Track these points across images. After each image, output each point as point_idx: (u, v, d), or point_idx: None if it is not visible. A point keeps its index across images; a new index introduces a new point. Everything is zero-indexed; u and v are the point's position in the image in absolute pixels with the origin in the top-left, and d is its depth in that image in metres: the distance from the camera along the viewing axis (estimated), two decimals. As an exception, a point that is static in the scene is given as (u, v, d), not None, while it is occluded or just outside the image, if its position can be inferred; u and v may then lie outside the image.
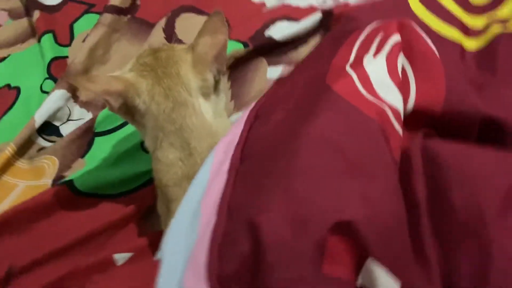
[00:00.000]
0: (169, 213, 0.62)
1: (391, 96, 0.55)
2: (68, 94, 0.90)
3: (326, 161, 0.48)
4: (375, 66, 0.56)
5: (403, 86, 0.57)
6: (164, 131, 0.62)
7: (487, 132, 0.56)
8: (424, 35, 0.60)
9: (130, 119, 0.66)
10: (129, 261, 0.69)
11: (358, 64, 0.56)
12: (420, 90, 0.57)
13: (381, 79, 0.55)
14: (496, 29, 0.70)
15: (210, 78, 0.64)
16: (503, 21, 0.72)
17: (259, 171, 0.50)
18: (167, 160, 0.62)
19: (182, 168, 0.62)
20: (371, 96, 0.53)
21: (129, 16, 1.04)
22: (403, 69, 0.58)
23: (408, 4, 0.73)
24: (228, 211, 0.48)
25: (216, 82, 0.66)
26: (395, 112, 0.54)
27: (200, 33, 0.64)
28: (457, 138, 0.55)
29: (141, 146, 0.80)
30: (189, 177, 0.60)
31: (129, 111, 0.64)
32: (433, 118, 0.56)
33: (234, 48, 0.90)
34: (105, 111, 0.87)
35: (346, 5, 0.96)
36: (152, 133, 0.63)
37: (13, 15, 1.08)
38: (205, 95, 0.64)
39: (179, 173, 0.62)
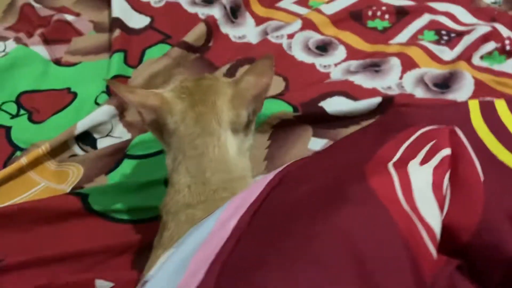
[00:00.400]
0: (159, 243, 0.61)
1: (430, 214, 0.49)
2: (116, 112, 0.93)
3: (340, 261, 0.43)
4: (420, 176, 0.51)
5: None
6: (185, 155, 0.62)
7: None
8: (473, 155, 0.55)
9: (158, 136, 0.67)
10: (107, 293, 0.66)
11: (402, 167, 0.51)
12: (452, 213, 0.51)
13: (424, 192, 0.50)
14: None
15: (244, 115, 0.64)
16: None
17: (265, 243, 0.46)
18: (178, 184, 0.62)
19: (185, 196, 0.61)
20: (408, 207, 0.48)
21: (198, 54, 1.07)
22: None
23: (470, 117, 0.67)
24: (219, 274, 0.43)
25: (249, 122, 0.66)
26: (430, 232, 0.48)
27: (247, 72, 0.66)
28: (479, 275, 0.48)
29: (164, 182, 0.79)
30: (188, 206, 0.60)
31: (159, 127, 0.65)
32: (458, 246, 0.50)
33: (284, 109, 0.88)
34: (141, 136, 0.88)
35: (410, 96, 0.92)
36: (174, 154, 0.64)
37: (98, 28, 1.16)
38: (234, 131, 0.64)
39: (180, 201, 0.61)
